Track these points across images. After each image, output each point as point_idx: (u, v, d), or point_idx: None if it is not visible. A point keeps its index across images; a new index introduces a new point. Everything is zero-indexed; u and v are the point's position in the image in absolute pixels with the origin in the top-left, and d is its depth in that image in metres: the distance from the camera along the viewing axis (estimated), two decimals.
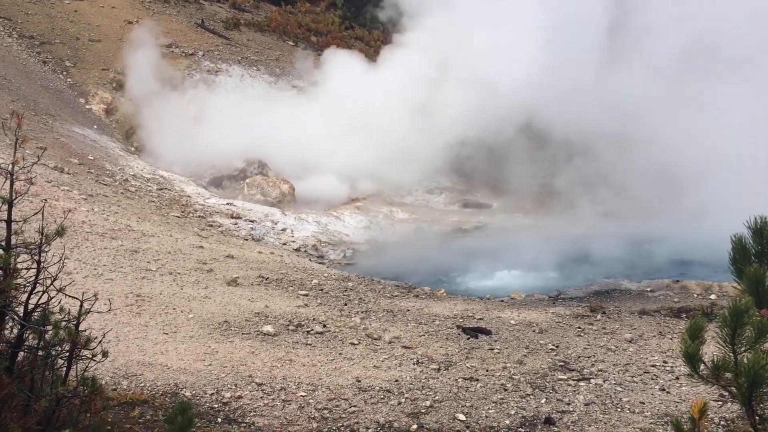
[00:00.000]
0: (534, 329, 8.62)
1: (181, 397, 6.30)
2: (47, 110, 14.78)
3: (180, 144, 15.78)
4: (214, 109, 16.65)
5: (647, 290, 10.65)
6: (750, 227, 2.78)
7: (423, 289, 10.48)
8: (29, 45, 17.15)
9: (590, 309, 9.51)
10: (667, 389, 7.11)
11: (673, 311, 9.49)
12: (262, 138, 15.91)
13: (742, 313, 2.54)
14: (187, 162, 15.75)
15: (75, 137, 14.27)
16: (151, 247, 9.99)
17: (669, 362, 7.71)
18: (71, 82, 16.84)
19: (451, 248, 13.69)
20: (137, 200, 12.52)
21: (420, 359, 7.52)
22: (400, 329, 8.32)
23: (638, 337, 8.51)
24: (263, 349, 7.43)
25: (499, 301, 10.28)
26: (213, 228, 12.42)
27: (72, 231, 9.52)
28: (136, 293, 8.37)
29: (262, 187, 15.13)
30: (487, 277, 12.36)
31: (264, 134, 15.96)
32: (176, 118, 16.22)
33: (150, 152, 16.01)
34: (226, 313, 8.22)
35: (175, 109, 16.54)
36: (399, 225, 15.01)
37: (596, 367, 7.59)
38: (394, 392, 6.78)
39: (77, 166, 12.81)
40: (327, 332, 8.04)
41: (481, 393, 6.88)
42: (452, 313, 9.04)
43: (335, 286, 9.82)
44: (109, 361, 5.92)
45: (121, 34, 18.59)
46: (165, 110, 16.42)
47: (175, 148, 15.76)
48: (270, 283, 9.57)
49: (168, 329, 7.64)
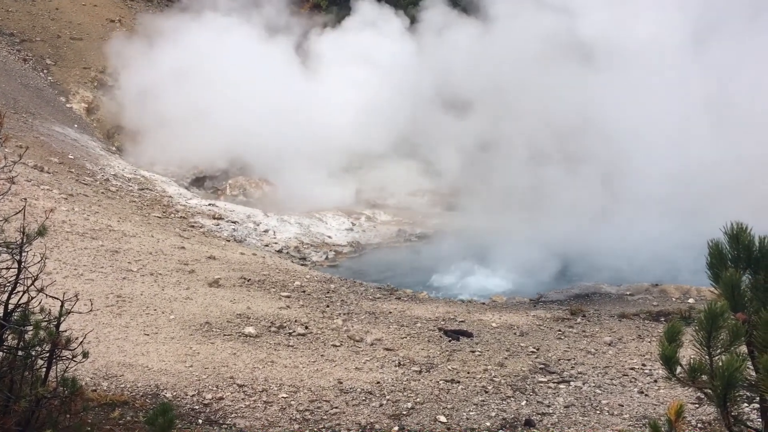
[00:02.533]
0: (515, 332, 8.68)
1: (161, 398, 6.27)
2: (27, 108, 14.64)
3: (162, 143, 15.69)
4: (197, 106, 16.47)
5: (627, 294, 10.75)
6: (726, 233, 2.84)
7: (405, 292, 10.51)
8: (9, 42, 16.98)
9: (570, 312, 9.58)
10: (646, 392, 7.19)
11: (652, 315, 9.59)
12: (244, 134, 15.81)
13: (717, 317, 2.59)
14: (168, 162, 15.65)
15: (55, 136, 14.15)
16: (132, 248, 9.93)
17: (647, 365, 7.80)
18: (52, 81, 16.69)
19: (432, 250, 13.74)
20: (118, 200, 12.44)
21: (402, 361, 7.55)
22: (382, 331, 8.34)
23: (617, 340, 8.60)
24: (245, 350, 7.41)
25: (481, 303, 10.33)
26: (195, 229, 12.37)
27: (52, 230, 9.44)
28: (117, 294, 8.32)
29: (245, 187, 15.10)
30: (461, 278, 12.46)
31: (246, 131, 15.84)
32: (158, 117, 16.10)
33: (131, 152, 15.90)
34: (207, 315, 8.19)
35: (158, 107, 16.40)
36: (381, 227, 15.03)
37: (576, 369, 7.65)
38: (375, 394, 6.79)
39: (57, 165, 12.70)
40: (309, 334, 8.05)
41: (462, 395, 6.91)
42: (434, 316, 9.08)
43: (317, 288, 9.82)
44: (90, 362, 5.87)
45: (103, 33, 18.48)
46: (147, 109, 16.29)
47: (156, 147, 15.67)
48: (252, 284, 9.55)
49: (149, 330, 7.60)
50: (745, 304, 2.74)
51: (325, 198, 15.50)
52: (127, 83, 16.81)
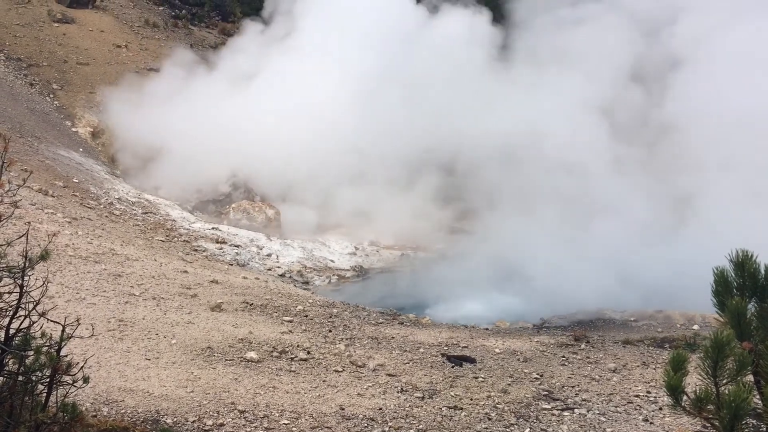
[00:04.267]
0: (518, 358, 8.61)
1: (162, 424, 6.21)
2: (33, 132, 14.73)
3: (166, 167, 15.74)
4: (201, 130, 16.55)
5: (631, 320, 10.69)
6: (732, 260, 2.82)
7: (408, 317, 10.46)
8: (16, 67, 17.15)
9: (574, 338, 9.52)
10: (651, 420, 7.11)
11: (657, 341, 9.53)
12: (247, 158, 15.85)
13: (723, 346, 2.56)
14: (172, 185, 15.69)
15: (60, 160, 14.22)
16: (134, 272, 9.92)
17: (652, 392, 7.72)
18: (58, 105, 16.82)
19: (435, 275, 13.68)
20: (122, 224, 12.45)
21: (404, 387, 7.49)
22: (384, 357, 8.29)
23: (622, 366, 8.53)
24: (246, 375, 7.36)
25: (484, 329, 10.28)
26: (198, 252, 12.37)
27: (55, 254, 9.43)
28: (119, 318, 8.29)
29: (248, 211, 15.11)
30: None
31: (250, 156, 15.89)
32: (163, 141, 16.16)
33: (135, 175, 15.96)
34: (209, 339, 8.15)
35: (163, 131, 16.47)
36: (385, 251, 15.00)
37: (580, 396, 7.58)
38: (377, 421, 6.73)
39: (62, 189, 12.75)
40: (311, 359, 7.99)
41: (465, 422, 6.84)
42: (437, 341, 9.02)
43: (320, 313, 9.78)
44: (90, 387, 5.84)
45: (110, 58, 18.65)
46: (152, 133, 16.36)
47: (160, 171, 15.72)
48: (254, 308, 9.51)
49: (150, 355, 7.56)
50: (751, 333, 2.72)
51: (327, 222, 15.50)
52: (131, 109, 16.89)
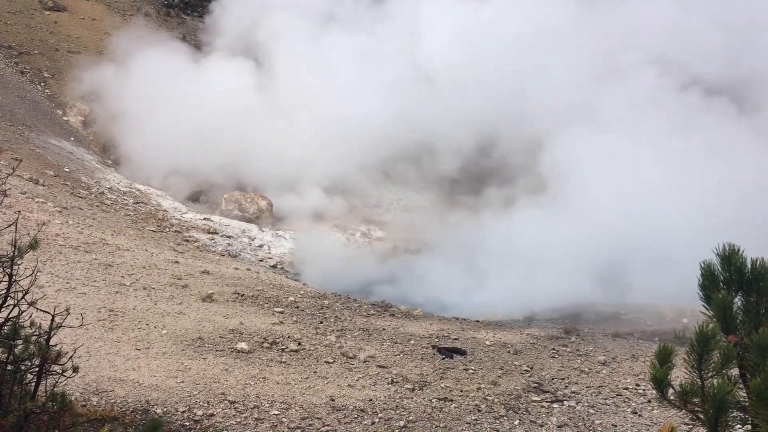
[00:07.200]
0: (509, 350, 8.65)
1: (152, 414, 6.22)
2: (23, 121, 14.63)
3: (158, 157, 15.66)
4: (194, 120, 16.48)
5: (621, 313, 10.74)
6: (719, 254, 2.84)
7: (399, 308, 10.48)
8: (7, 55, 17.00)
9: (564, 330, 9.57)
10: (639, 412, 7.17)
11: (647, 334, 9.59)
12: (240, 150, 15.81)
13: (708, 339, 2.58)
14: (164, 176, 15.63)
15: (51, 149, 14.14)
16: (125, 262, 9.90)
17: (641, 385, 7.77)
18: (49, 93, 16.70)
19: (427, 266, 13.70)
20: (113, 214, 12.40)
21: (395, 379, 7.51)
22: (375, 348, 8.31)
23: (611, 359, 8.58)
24: (237, 366, 7.37)
25: (475, 321, 10.31)
26: (189, 243, 12.34)
27: (45, 244, 9.40)
28: (109, 308, 8.27)
29: (240, 202, 15.06)
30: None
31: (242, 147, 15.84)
32: (155, 131, 16.07)
33: (127, 165, 15.87)
34: (200, 330, 8.15)
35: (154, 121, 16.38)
36: (377, 243, 15.01)
37: (570, 389, 7.63)
38: (368, 412, 6.75)
39: (52, 178, 12.68)
40: (302, 350, 8.01)
41: (455, 413, 6.88)
42: (428, 333, 9.04)
43: (311, 304, 9.78)
44: (80, 376, 5.84)
45: (101, 47, 18.51)
46: (143, 122, 16.27)
47: (152, 161, 15.64)
48: (245, 299, 9.51)
49: (140, 345, 7.55)
50: (737, 327, 2.74)
51: (320, 214, 15.49)
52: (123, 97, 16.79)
